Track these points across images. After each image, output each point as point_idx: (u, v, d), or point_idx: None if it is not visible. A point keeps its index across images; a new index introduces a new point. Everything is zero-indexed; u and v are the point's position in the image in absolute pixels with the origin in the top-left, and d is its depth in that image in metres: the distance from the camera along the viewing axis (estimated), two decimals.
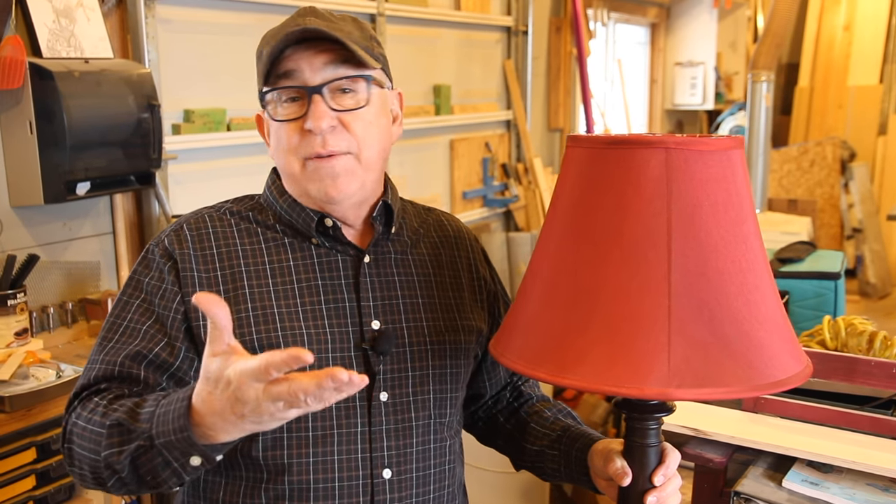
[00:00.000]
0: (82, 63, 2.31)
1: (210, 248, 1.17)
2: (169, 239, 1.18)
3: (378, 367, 1.16)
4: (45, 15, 2.32)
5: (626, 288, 0.95)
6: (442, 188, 4.28)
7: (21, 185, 2.29)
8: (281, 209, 1.21)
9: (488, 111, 4.59)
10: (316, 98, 1.12)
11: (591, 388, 0.94)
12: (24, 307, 2.18)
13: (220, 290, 1.14)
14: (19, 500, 1.99)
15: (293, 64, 1.12)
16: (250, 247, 1.18)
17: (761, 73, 4.05)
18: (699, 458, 1.40)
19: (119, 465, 1.00)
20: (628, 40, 6.90)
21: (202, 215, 1.21)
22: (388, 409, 1.17)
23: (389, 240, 1.25)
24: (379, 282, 1.21)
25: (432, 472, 1.21)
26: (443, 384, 1.22)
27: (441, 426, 1.23)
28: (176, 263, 1.16)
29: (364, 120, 1.16)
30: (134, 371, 1.11)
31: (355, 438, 1.14)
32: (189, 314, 1.14)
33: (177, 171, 2.79)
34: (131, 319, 1.15)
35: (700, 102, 7.32)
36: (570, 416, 1.35)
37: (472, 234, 1.39)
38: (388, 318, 1.19)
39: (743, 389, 0.92)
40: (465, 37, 4.39)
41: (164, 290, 1.15)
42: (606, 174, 0.98)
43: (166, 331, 1.14)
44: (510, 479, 2.75)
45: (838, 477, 1.34)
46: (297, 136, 1.13)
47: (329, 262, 1.19)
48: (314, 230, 1.18)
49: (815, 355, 1.48)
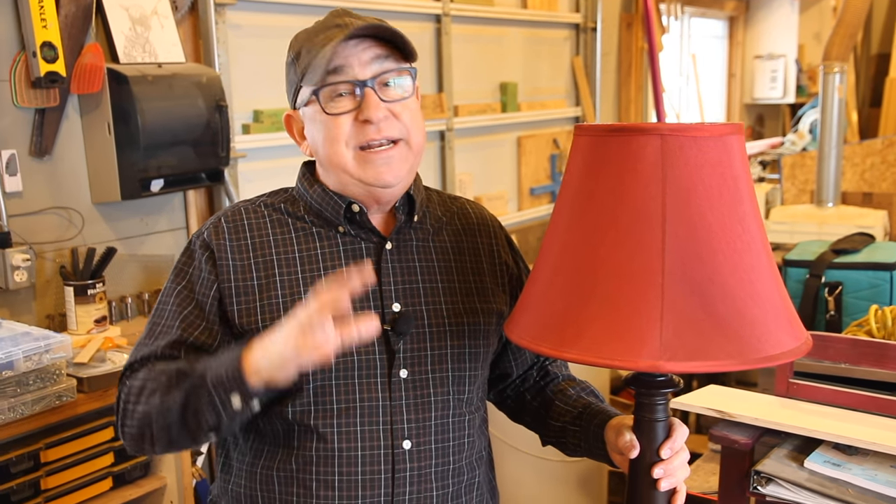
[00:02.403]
0: (155, 67, 2.46)
1: (245, 238, 1.26)
2: (208, 231, 1.28)
3: (398, 346, 1.24)
4: (122, 23, 2.48)
5: (622, 268, 1.00)
6: (509, 185, 4.34)
7: (101, 182, 2.46)
8: (311, 199, 1.29)
9: (556, 108, 4.63)
10: (368, 91, 1.21)
11: (588, 361, 1.00)
12: (102, 296, 2.34)
13: (254, 276, 1.24)
14: (99, 475, 2.14)
15: (341, 60, 1.21)
16: (281, 237, 1.27)
17: (834, 64, 3.96)
18: (725, 439, 1.43)
19: (172, 404, 1.14)
20: (704, 34, 6.82)
21: (238, 208, 1.31)
22: (407, 385, 1.24)
23: (412, 228, 1.31)
24: (400, 267, 1.28)
25: (451, 445, 1.28)
26: (461, 363, 1.29)
27: (459, 402, 1.30)
28: (213, 254, 1.25)
29: (410, 109, 1.25)
30: (176, 354, 1.24)
31: (377, 411, 1.22)
32: (224, 300, 1.24)
33: (246, 169, 2.93)
34: (175, 303, 1.26)
35: (780, 96, 7.16)
36: (592, 394, 1.41)
37: (496, 221, 1.45)
38: (408, 302, 1.26)
39: (733, 363, 0.96)
40: (533, 34, 4.44)
41: (202, 279, 1.25)
42: (606, 160, 1.04)
43: (205, 315, 1.24)
44: (567, 468, 2.80)
45: (862, 459, 1.36)
46: (351, 127, 1.21)
47: (354, 249, 1.27)
48: (342, 217, 1.26)
49: (845, 341, 1.50)
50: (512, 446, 2.79)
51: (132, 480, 2.23)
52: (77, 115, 2.45)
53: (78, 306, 2.30)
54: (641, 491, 1.15)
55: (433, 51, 3.77)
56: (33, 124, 2.33)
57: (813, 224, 3.48)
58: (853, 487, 1.30)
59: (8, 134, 2.28)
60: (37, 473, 1.99)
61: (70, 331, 2.31)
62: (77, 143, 2.45)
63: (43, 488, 2.01)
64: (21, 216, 2.31)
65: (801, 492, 1.32)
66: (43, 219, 2.38)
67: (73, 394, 2.00)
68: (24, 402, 1.90)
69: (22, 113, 2.31)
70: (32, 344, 1.93)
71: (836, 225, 3.36)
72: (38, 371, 1.93)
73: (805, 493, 1.32)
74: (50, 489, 2.03)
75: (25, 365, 1.90)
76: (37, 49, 2.22)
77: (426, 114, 3.66)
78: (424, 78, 3.72)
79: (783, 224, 3.56)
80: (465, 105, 3.94)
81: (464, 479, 1.30)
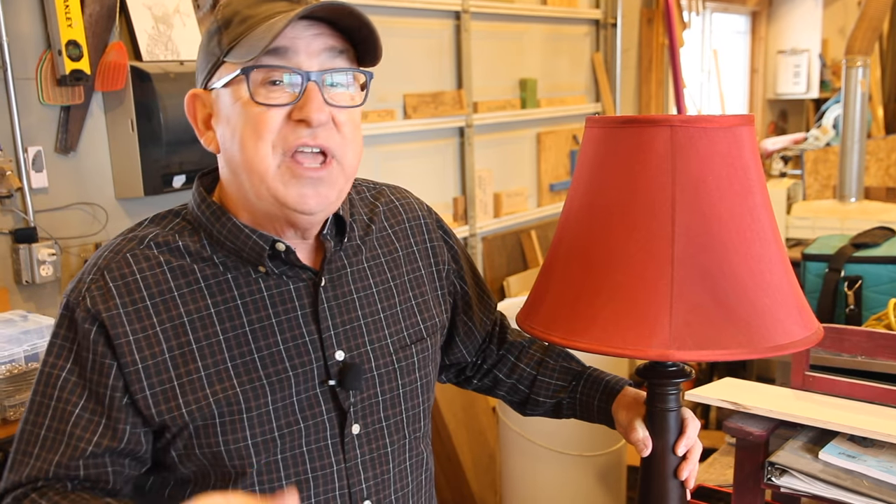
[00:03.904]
0: (178, 65, 2.49)
1: (142, 298, 1.01)
2: (91, 297, 1.00)
3: (347, 402, 1.08)
4: (146, 22, 2.52)
5: (633, 258, 1.01)
6: (529, 181, 4.35)
7: (124, 179, 2.49)
8: (220, 234, 1.05)
9: (576, 104, 4.63)
10: (312, 86, 0.98)
11: (598, 350, 1.01)
12: None
13: (164, 348, 1.00)
14: None
15: (286, 41, 0.97)
16: (188, 289, 1.03)
17: (857, 58, 3.93)
18: (740, 431, 1.44)
19: None
20: (726, 30, 6.78)
21: (124, 256, 1.03)
22: (361, 441, 1.10)
23: (342, 250, 1.13)
24: (337, 305, 1.10)
25: (410, 488, 1.18)
26: (414, 399, 1.17)
27: (416, 441, 1.19)
28: (104, 328, 0.99)
29: (353, 122, 1.03)
30: (71, 473, 1.00)
31: (332, 478, 1.08)
32: (130, 386, 0.99)
33: None
34: (60, 399, 1.00)
35: (804, 91, 7.12)
36: (570, 359, 1.35)
37: (424, 207, 1.28)
38: (351, 345, 1.10)
39: (742, 352, 0.97)
40: (552, 31, 4.44)
41: (93, 363, 0.99)
42: (617, 152, 1.05)
43: (104, 411, 0.99)
44: (586, 462, 2.81)
45: (878, 451, 1.36)
46: (281, 125, 0.98)
47: (281, 293, 1.06)
48: (265, 257, 1.04)
49: (860, 333, 1.49)
50: (530, 440, 2.80)
51: None
52: (101, 112, 2.48)
53: None
54: (655, 482, 1.16)
55: (453, 47, 3.79)
56: (59, 121, 2.37)
57: (835, 219, 3.46)
58: (868, 479, 1.30)
59: (34, 131, 2.32)
60: None
61: None
62: (101, 140, 2.49)
63: None
64: (47, 212, 2.36)
65: (816, 483, 1.32)
66: (68, 214, 2.42)
67: None
68: None
69: (48, 110, 2.35)
70: None
71: (859, 220, 3.33)
72: None
73: (819, 484, 1.32)
74: None
75: None
76: (62, 47, 2.26)
77: (445, 110, 3.67)
78: (444, 74, 3.74)
79: (805, 219, 3.54)
80: (485, 101, 3.95)
81: None
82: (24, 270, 2.28)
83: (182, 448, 1.03)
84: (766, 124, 7.29)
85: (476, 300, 1.33)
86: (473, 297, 1.33)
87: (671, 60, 5.24)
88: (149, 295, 1.01)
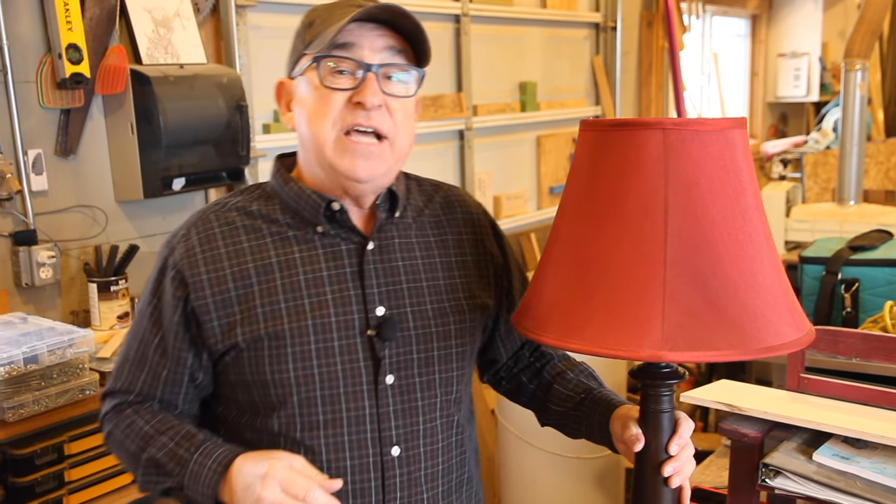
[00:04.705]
0: (177, 68, 2.51)
1: (217, 247, 1.21)
2: (178, 248, 1.22)
3: (383, 352, 1.21)
4: (146, 25, 2.53)
5: (625, 260, 1.02)
6: (528, 184, 4.36)
7: (124, 181, 2.51)
8: (287, 197, 1.24)
9: (576, 107, 4.64)
10: (370, 75, 1.16)
11: (591, 351, 1.01)
12: (125, 293, 2.39)
13: (230, 287, 1.19)
14: (122, 468, 2.18)
15: (353, 38, 1.16)
16: (256, 242, 1.21)
17: (856, 61, 3.94)
18: (735, 433, 1.44)
19: (147, 488, 1.21)
20: (726, 33, 6.79)
21: (208, 216, 1.24)
22: (394, 391, 1.22)
23: (393, 224, 1.27)
24: (383, 268, 1.23)
25: (440, 447, 1.27)
26: (448, 364, 1.27)
27: (447, 403, 1.28)
28: (183, 272, 1.20)
29: (405, 110, 1.20)
30: (152, 392, 1.24)
31: (364, 420, 1.20)
32: (200, 317, 1.19)
33: (267, 168, 2.96)
34: (144, 329, 1.24)
35: (804, 94, 7.12)
36: (591, 378, 1.40)
37: (481, 208, 1.41)
38: (392, 304, 1.23)
39: (733, 353, 0.98)
40: (552, 34, 4.45)
41: (170, 302, 1.21)
42: (610, 154, 1.06)
43: (174, 342, 1.21)
44: (584, 465, 2.81)
45: (871, 452, 1.36)
46: (342, 106, 1.16)
47: (333, 252, 1.22)
48: (321, 216, 1.21)
49: (855, 335, 1.50)
50: (528, 443, 2.81)
51: None
52: (101, 115, 2.50)
53: (101, 302, 2.35)
54: (648, 483, 1.16)
55: (452, 50, 3.80)
56: (59, 124, 2.38)
57: (834, 222, 3.46)
58: (861, 480, 1.31)
59: (34, 134, 2.33)
60: (60, 465, 2.03)
61: (93, 326, 2.36)
62: (101, 143, 2.50)
63: (67, 480, 2.06)
64: (47, 214, 2.37)
65: (810, 484, 1.33)
66: (68, 217, 2.43)
67: (96, 388, 2.05)
68: (49, 395, 1.94)
69: (48, 113, 2.36)
70: (56, 338, 1.98)
71: (858, 223, 3.33)
72: (62, 365, 1.98)
73: (813, 485, 1.33)
74: (73, 481, 2.07)
75: (49, 359, 1.95)
76: (62, 51, 2.27)
77: (445, 113, 3.68)
78: (444, 77, 3.75)
79: (804, 222, 3.54)
80: (485, 104, 3.96)
81: (453, 478, 1.30)
82: (23, 273, 2.29)
83: (235, 375, 1.20)
84: (767, 127, 7.30)
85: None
86: (517, 299, 1.39)
87: (671, 64, 5.24)
88: (222, 245, 1.21)
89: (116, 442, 1.25)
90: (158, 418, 1.22)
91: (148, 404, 1.25)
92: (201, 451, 1.16)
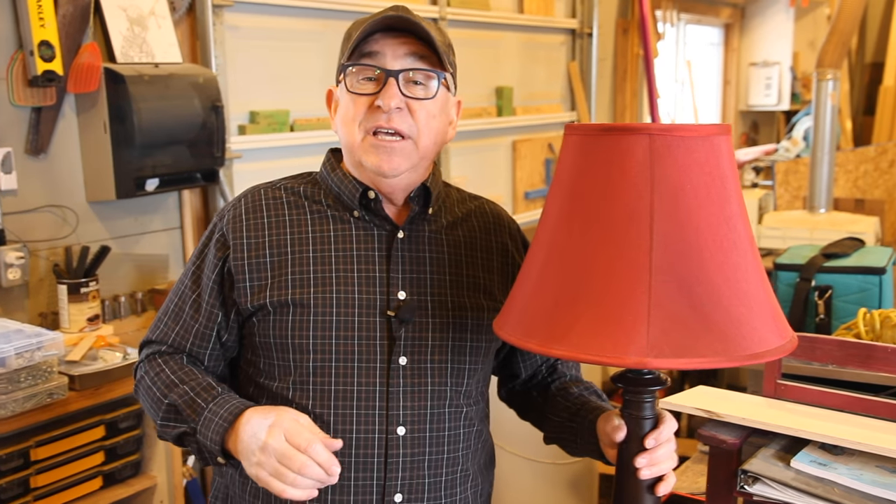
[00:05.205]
0: (152, 67, 2.47)
1: (261, 217, 1.32)
2: (228, 214, 1.34)
3: (399, 333, 1.27)
4: (120, 23, 2.49)
5: (611, 266, 1.01)
6: (504, 188, 4.36)
7: (96, 181, 2.46)
8: (332, 182, 1.34)
9: (552, 112, 4.65)
10: (391, 81, 1.25)
11: (575, 357, 1.01)
12: (96, 295, 2.34)
13: (266, 253, 1.29)
14: (89, 474, 2.15)
15: (377, 47, 1.26)
16: (297, 217, 1.32)
17: (827, 70, 3.98)
18: (713, 439, 1.44)
19: (165, 433, 1.29)
20: (700, 41, 6.85)
21: (258, 189, 1.36)
22: (405, 372, 1.28)
23: (426, 219, 1.35)
24: (410, 256, 1.31)
25: (446, 435, 1.31)
26: (461, 355, 1.32)
27: (457, 393, 1.32)
28: (227, 236, 1.31)
29: (427, 111, 1.28)
30: (184, 344, 1.34)
31: (373, 396, 1.26)
32: (235, 276, 1.29)
33: (243, 170, 2.94)
34: (185, 285, 1.35)
35: (775, 103, 7.20)
36: (594, 394, 1.42)
37: (514, 223, 1.48)
38: (413, 290, 1.30)
39: (719, 360, 0.98)
40: (529, 39, 4.45)
41: (212, 262, 1.32)
42: (596, 159, 1.06)
43: (208, 299, 1.32)
44: (559, 470, 2.81)
45: (848, 459, 1.37)
46: (366, 110, 1.26)
47: (366, 235, 1.31)
48: (357, 201, 1.30)
49: (832, 342, 1.51)
50: (502, 447, 2.80)
51: (122, 479, 2.24)
52: (73, 113, 2.45)
53: (71, 304, 2.30)
54: (627, 483, 1.16)
55: None
56: (29, 122, 2.34)
57: (805, 230, 3.50)
58: (839, 486, 1.31)
59: (4, 132, 2.28)
60: (27, 471, 2.00)
61: (63, 329, 2.31)
62: (73, 142, 2.46)
63: (32, 486, 2.02)
64: (16, 214, 2.32)
65: (788, 491, 1.33)
66: (37, 217, 2.38)
67: (65, 391, 2.01)
68: (16, 399, 1.90)
69: (18, 111, 2.32)
70: (24, 341, 1.94)
71: (828, 231, 3.38)
72: (30, 368, 1.94)
73: (791, 491, 1.33)
74: (39, 487, 2.03)
75: (17, 362, 1.91)
76: (34, 48, 2.23)
77: None
78: None
79: (775, 230, 3.58)
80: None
81: (457, 470, 1.32)
82: None
83: (260, 337, 1.29)
84: (739, 135, 7.37)
85: None
86: None
87: (646, 71, 5.28)
88: (266, 216, 1.32)
89: (145, 387, 1.33)
90: (185, 370, 1.31)
91: (179, 356, 1.34)
92: (217, 401, 1.23)
